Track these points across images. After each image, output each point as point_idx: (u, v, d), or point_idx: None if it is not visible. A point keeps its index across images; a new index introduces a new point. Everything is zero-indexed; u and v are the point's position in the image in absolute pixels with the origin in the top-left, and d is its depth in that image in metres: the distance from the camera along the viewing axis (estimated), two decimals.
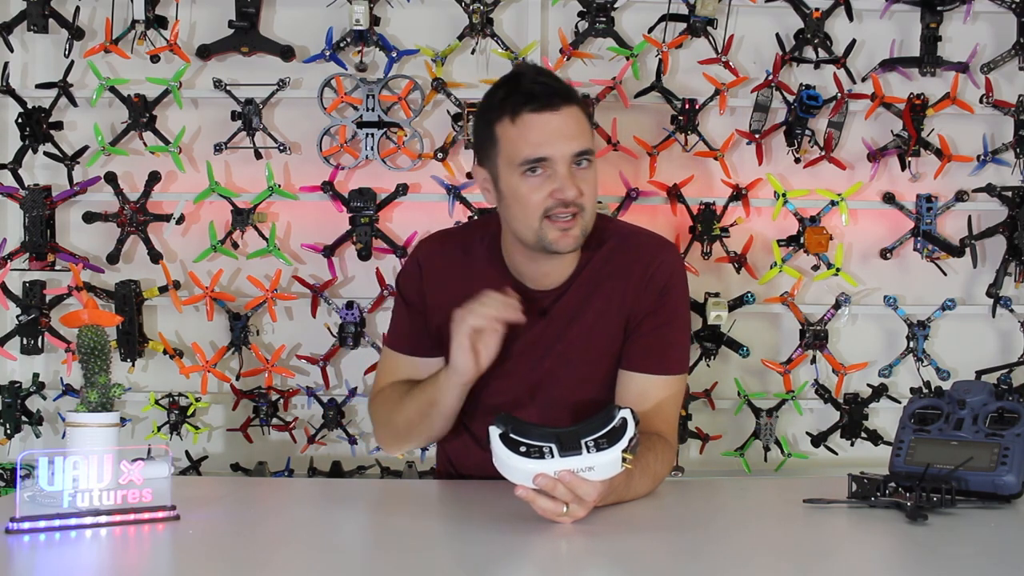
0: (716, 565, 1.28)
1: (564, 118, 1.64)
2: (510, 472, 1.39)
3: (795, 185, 2.55)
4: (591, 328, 1.74)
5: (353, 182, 2.54)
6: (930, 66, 2.52)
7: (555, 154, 1.63)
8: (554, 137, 1.63)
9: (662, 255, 1.76)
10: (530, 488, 1.38)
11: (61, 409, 2.57)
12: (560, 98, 1.64)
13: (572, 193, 1.63)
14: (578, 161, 1.65)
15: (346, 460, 2.57)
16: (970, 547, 1.34)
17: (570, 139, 1.63)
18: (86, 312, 1.56)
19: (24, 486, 1.43)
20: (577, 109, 1.66)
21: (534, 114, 1.63)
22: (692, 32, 2.50)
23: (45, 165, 2.57)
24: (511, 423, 1.40)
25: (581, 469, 1.37)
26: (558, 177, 1.63)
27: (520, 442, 1.38)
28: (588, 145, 1.66)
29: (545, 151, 1.63)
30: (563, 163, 1.63)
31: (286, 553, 1.32)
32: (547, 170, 1.64)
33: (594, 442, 1.38)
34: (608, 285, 1.74)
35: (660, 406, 1.72)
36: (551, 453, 1.37)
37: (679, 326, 1.77)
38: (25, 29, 2.52)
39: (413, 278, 1.84)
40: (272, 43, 2.53)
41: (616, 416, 1.39)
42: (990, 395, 1.62)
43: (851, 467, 1.76)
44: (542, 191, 1.64)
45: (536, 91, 1.64)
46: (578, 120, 1.66)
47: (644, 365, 1.73)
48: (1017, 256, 2.51)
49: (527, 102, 1.63)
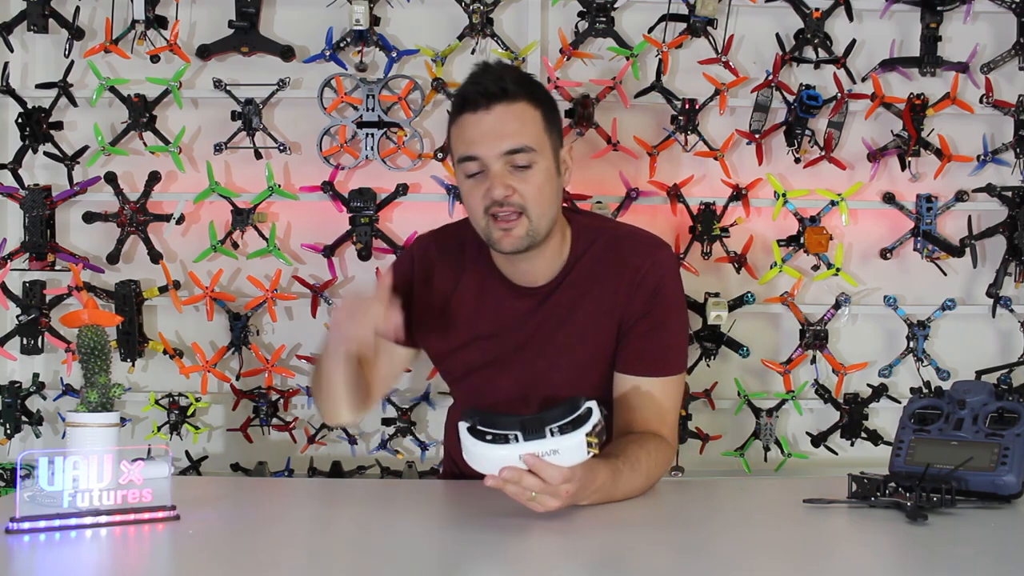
0: (716, 565, 1.28)
1: (496, 116, 1.62)
2: (478, 462, 1.41)
3: (795, 185, 2.55)
4: (583, 329, 1.73)
5: (353, 182, 2.55)
6: (930, 66, 2.52)
7: (483, 153, 1.63)
8: (484, 136, 1.62)
9: (653, 256, 1.74)
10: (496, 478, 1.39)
11: (61, 409, 2.57)
12: (492, 98, 1.62)
13: (498, 192, 1.62)
14: (516, 160, 1.63)
15: (346, 460, 2.57)
16: (970, 547, 1.34)
17: (500, 137, 1.62)
18: (86, 312, 1.56)
19: (24, 486, 1.43)
20: (521, 106, 1.64)
21: (468, 114, 1.64)
22: (692, 32, 2.50)
23: (45, 165, 2.57)
24: (478, 415, 1.42)
25: (545, 453, 1.38)
26: (489, 175, 1.63)
27: (486, 432, 1.40)
28: (523, 143, 1.63)
29: (473, 150, 1.63)
30: (495, 162, 1.63)
31: (286, 553, 1.32)
32: (484, 170, 1.64)
33: (558, 427, 1.39)
34: (599, 286, 1.73)
35: (657, 407, 1.71)
36: (515, 439, 1.39)
37: (674, 327, 1.75)
38: (25, 29, 2.52)
39: (403, 268, 1.84)
40: (272, 43, 2.53)
41: (582, 405, 1.41)
42: (990, 395, 1.62)
43: (851, 467, 1.76)
44: (479, 190, 1.65)
45: (468, 92, 1.64)
46: (518, 117, 1.63)
47: (639, 368, 1.72)
48: (1017, 256, 2.51)
49: (463, 104, 1.65)
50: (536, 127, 1.65)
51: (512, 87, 1.64)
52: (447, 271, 1.80)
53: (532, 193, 1.64)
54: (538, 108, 1.66)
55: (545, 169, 1.66)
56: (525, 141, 1.63)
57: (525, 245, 1.66)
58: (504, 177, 1.63)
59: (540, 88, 1.71)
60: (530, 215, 1.64)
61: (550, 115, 1.69)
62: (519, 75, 1.69)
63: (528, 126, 1.64)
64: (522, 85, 1.66)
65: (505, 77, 1.65)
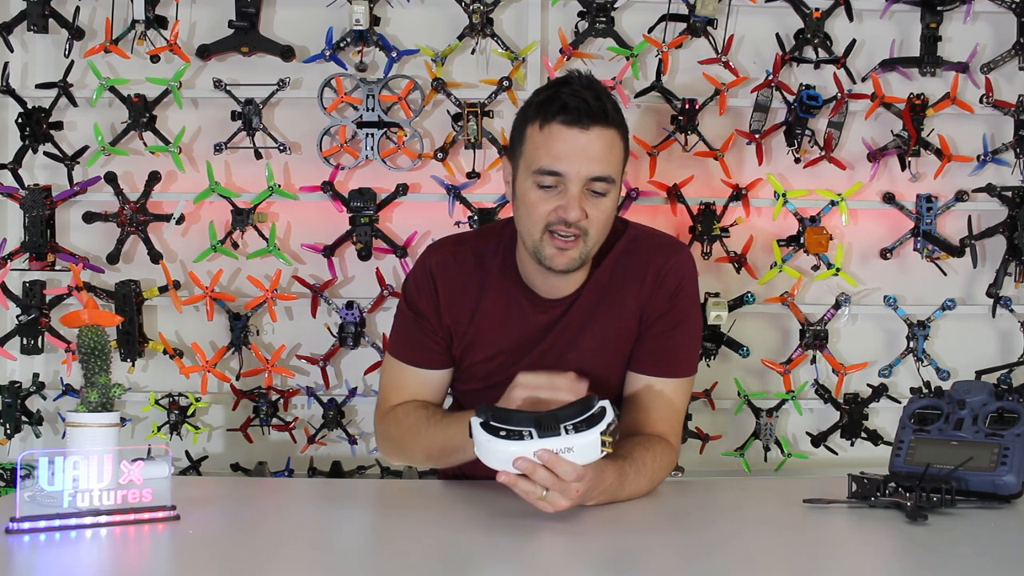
0: (716, 565, 1.28)
1: (591, 139, 1.59)
2: (491, 457, 1.41)
3: (795, 185, 2.55)
4: (604, 332, 1.73)
5: (353, 182, 2.54)
6: (930, 66, 2.52)
7: (570, 172, 1.60)
8: (574, 155, 1.59)
9: (675, 257, 1.75)
10: (512, 472, 1.39)
11: (61, 409, 2.57)
12: (593, 119, 1.58)
13: (575, 215, 1.60)
14: (594, 186, 1.61)
15: (346, 460, 2.57)
16: (970, 547, 1.34)
17: (590, 161, 1.60)
18: (86, 312, 1.56)
19: (24, 486, 1.43)
20: (612, 133, 1.62)
21: (562, 127, 1.59)
22: (692, 32, 2.50)
23: (45, 165, 2.57)
24: (491, 411, 1.42)
25: (560, 450, 1.38)
26: (567, 195, 1.60)
27: (500, 427, 1.40)
28: (608, 172, 1.61)
29: (561, 166, 1.60)
30: (576, 183, 1.60)
31: (286, 553, 1.32)
32: (560, 185, 1.61)
33: (573, 425, 1.39)
34: (621, 288, 1.73)
35: (665, 408, 1.71)
36: (530, 435, 1.39)
37: (689, 329, 1.76)
38: (25, 29, 2.52)
39: (426, 291, 1.78)
40: (272, 43, 2.53)
41: (595, 404, 1.41)
42: (990, 395, 1.62)
43: (851, 467, 1.76)
44: (549, 204, 1.62)
45: (571, 104, 1.59)
46: (608, 144, 1.61)
47: (653, 368, 1.73)
48: (1017, 256, 2.51)
49: (559, 112, 1.59)
50: (619, 158, 1.65)
51: (612, 112, 1.62)
52: (470, 287, 1.77)
53: (601, 221, 1.64)
54: (623, 140, 1.66)
55: (615, 199, 1.66)
56: (610, 171, 1.62)
57: (576, 266, 1.66)
58: (582, 200, 1.61)
59: (623, 117, 1.68)
60: (588, 240, 1.64)
61: (627, 147, 1.68)
62: (613, 100, 1.66)
63: (615, 156, 1.63)
64: (617, 112, 1.65)
65: (604, 99, 1.62)
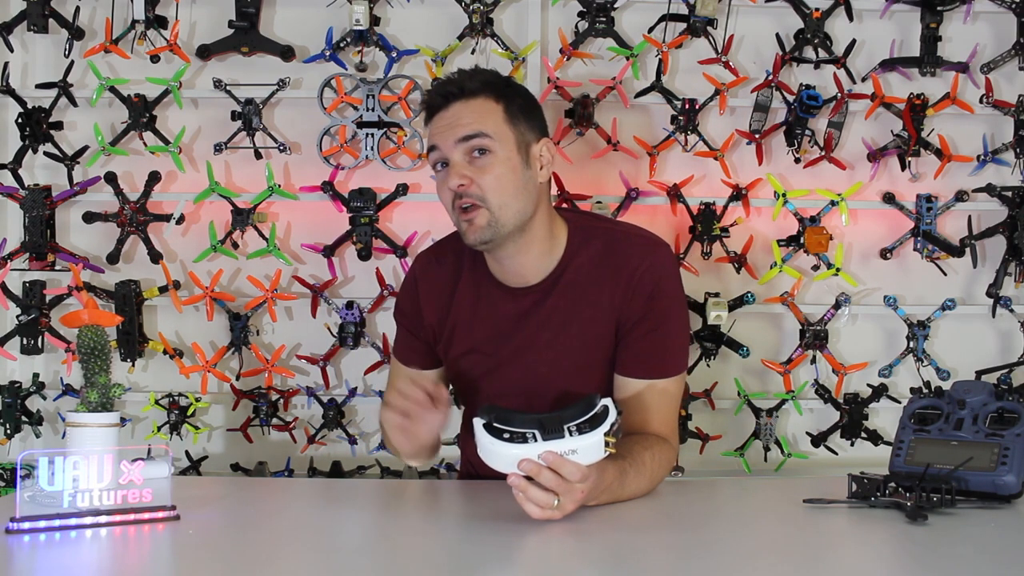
0: (716, 565, 1.27)
1: (455, 111, 1.68)
2: (495, 459, 1.41)
3: (795, 185, 2.55)
4: (582, 332, 1.73)
5: (353, 182, 2.55)
6: (930, 66, 2.52)
7: (441, 143, 1.68)
8: (443, 129, 1.68)
9: (650, 257, 1.73)
10: (520, 475, 1.39)
11: (61, 409, 2.57)
12: (448, 98, 1.69)
13: (453, 181, 1.66)
14: (470, 145, 1.66)
15: (346, 460, 2.57)
16: (970, 547, 1.34)
17: (456, 127, 1.67)
18: (86, 312, 1.56)
19: (24, 486, 1.43)
20: (479, 101, 1.68)
21: (433, 118, 1.72)
22: (692, 32, 2.50)
23: (45, 165, 2.57)
24: (494, 412, 1.42)
25: (564, 452, 1.38)
26: (449, 166, 1.68)
27: (503, 429, 1.40)
28: (477, 129, 1.66)
29: (433, 140, 1.70)
30: (454, 152, 1.67)
31: (286, 553, 1.32)
32: (447, 164, 1.68)
33: (576, 427, 1.39)
34: (596, 288, 1.73)
35: (658, 408, 1.71)
36: (534, 438, 1.39)
37: (673, 328, 1.74)
38: (25, 29, 2.52)
39: (409, 293, 1.88)
40: (272, 43, 2.53)
41: (597, 403, 1.41)
42: (990, 395, 1.62)
43: (851, 467, 1.76)
44: (444, 183, 1.69)
45: (432, 97, 1.72)
46: (475, 110, 1.68)
47: (639, 371, 1.72)
48: (1017, 256, 2.51)
49: (427, 109, 1.73)
50: (495, 117, 1.68)
51: (470, 85, 1.69)
52: (446, 281, 1.82)
53: (490, 183, 1.66)
54: (499, 102, 1.69)
55: (505, 159, 1.67)
56: (480, 128, 1.66)
57: (488, 236, 1.67)
58: (462, 168, 1.66)
59: (507, 85, 1.73)
60: (490, 205, 1.66)
61: (514, 109, 1.70)
62: (483, 75, 1.72)
63: (485, 116, 1.68)
64: (483, 83, 1.70)
65: (464, 78, 1.70)
